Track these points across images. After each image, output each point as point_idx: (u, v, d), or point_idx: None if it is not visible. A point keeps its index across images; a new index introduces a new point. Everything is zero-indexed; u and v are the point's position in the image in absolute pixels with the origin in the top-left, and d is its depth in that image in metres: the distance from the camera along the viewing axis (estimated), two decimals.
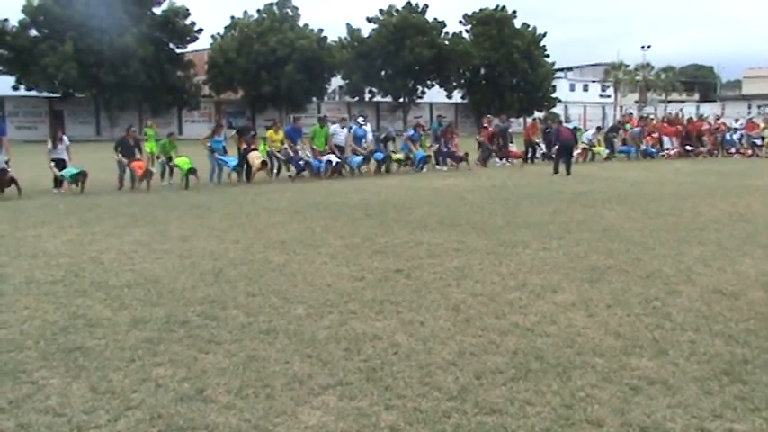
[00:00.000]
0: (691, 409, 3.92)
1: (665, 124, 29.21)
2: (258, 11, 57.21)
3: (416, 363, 4.70)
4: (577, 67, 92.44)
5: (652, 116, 38.67)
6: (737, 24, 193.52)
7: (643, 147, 26.85)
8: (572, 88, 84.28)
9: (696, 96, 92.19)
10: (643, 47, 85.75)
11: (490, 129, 24.98)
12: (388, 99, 64.14)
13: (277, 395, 4.20)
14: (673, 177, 18.85)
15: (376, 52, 59.98)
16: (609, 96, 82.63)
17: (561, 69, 79.08)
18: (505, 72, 63.78)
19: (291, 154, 18.88)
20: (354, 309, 6.01)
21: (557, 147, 19.73)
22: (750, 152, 27.54)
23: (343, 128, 20.66)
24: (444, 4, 65.28)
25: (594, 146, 26.16)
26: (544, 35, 67.32)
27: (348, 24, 62.58)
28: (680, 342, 5.06)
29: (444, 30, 62.84)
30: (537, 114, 64.09)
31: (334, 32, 70.87)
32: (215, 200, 14.43)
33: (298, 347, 5.03)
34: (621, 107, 72.45)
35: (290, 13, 58.15)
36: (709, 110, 63.87)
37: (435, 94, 65.16)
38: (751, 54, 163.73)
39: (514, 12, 65.58)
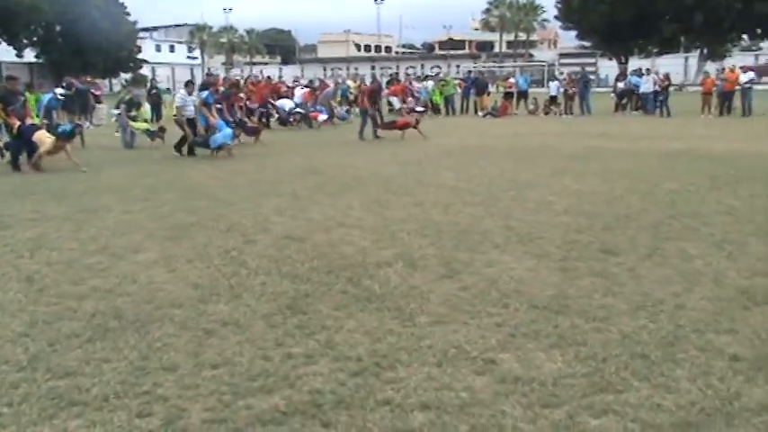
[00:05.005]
0: (257, 342, 4.33)
1: (251, 86, 30.14)
2: None
3: None
4: (163, 27, 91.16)
5: (239, 77, 39.71)
6: None
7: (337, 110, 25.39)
8: (158, 49, 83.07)
9: (278, 59, 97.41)
10: (225, 9, 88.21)
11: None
12: None
13: None
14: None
15: None
16: (196, 58, 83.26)
17: (146, 29, 77.33)
18: (86, 30, 60.05)
19: None
20: None
21: None
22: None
23: (191, 94, 15.61)
24: None
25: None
26: None
27: None
28: (253, 285, 5.48)
29: None
30: (124, 75, 62.21)
31: None
32: None
33: None
34: (209, 68, 73.53)
35: None
36: (290, 72, 68.19)
37: (4, 53, 58.94)
38: (324, 20, 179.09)
39: None
